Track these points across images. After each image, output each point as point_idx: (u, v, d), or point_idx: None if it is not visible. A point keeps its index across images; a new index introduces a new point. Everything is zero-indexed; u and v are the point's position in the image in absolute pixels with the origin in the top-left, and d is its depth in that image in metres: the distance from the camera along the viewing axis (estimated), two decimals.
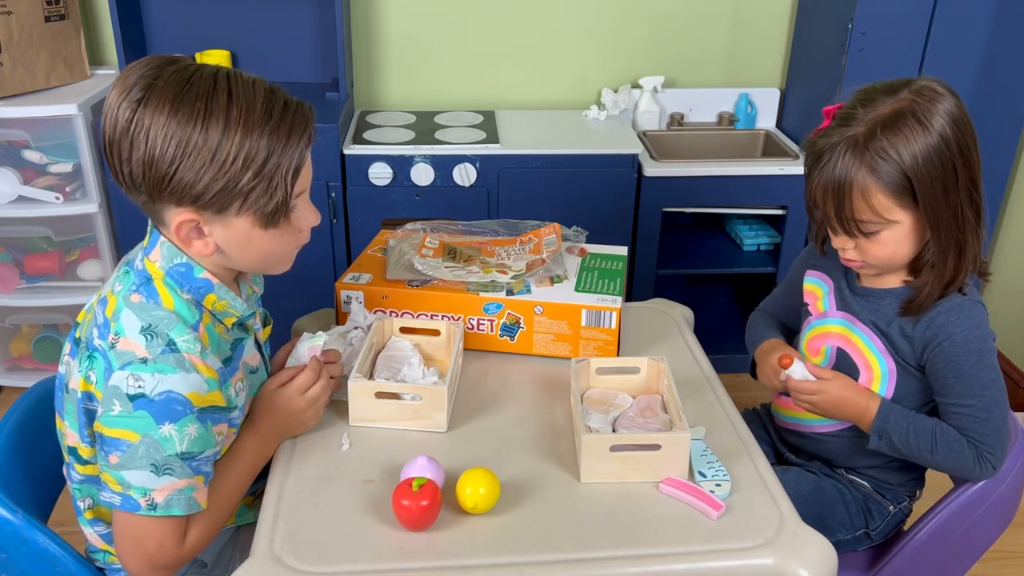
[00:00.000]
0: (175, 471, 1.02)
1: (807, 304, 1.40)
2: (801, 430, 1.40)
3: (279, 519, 1.06)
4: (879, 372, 1.28)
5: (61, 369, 1.13)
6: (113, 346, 1.01)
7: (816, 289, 1.39)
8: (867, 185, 1.14)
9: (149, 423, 1.00)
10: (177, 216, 1.02)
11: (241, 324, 1.16)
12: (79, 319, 1.12)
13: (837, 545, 1.09)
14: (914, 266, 1.24)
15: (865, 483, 1.37)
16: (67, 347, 1.12)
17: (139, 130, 0.97)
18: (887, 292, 1.27)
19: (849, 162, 1.14)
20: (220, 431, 1.08)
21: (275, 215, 1.04)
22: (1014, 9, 2.29)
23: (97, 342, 1.03)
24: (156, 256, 1.07)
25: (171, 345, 1.01)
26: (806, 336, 1.39)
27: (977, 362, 1.20)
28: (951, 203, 1.16)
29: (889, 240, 1.19)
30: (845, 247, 1.23)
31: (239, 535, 1.27)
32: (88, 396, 1.06)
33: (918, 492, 1.41)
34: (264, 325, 1.26)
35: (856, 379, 1.30)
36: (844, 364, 1.32)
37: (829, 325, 1.35)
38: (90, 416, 1.06)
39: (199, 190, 0.99)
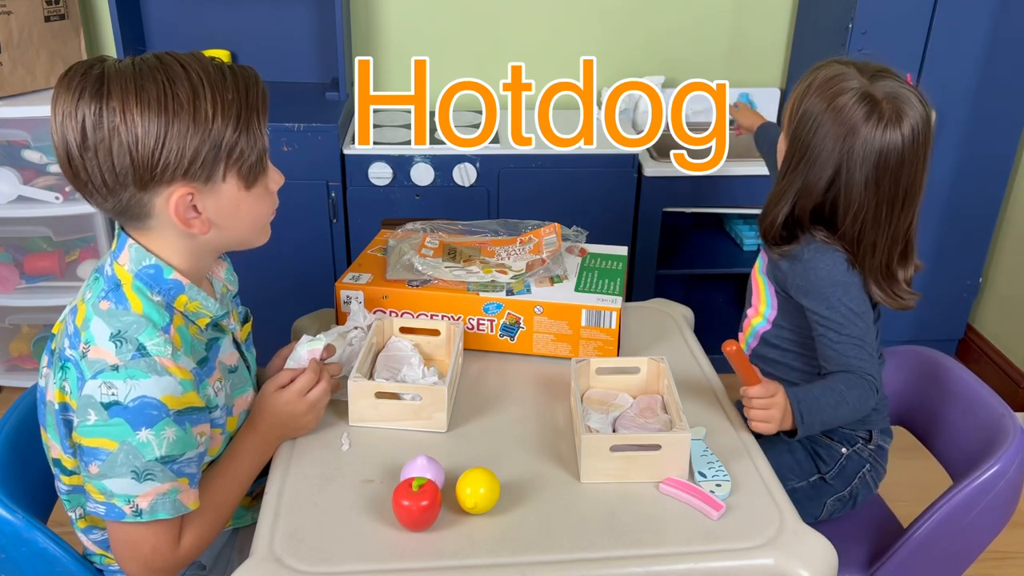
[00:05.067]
0: (156, 476, 1.01)
1: None
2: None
3: (279, 519, 1.06)
4: (764, 294, 1.43)
5: (40, 382, 1.11)
6: (84, 355, 1.00)
7: None
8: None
9: (126, 430, 0.98)
10: (172, 195, 1.00)
11: (215, 324, 1.14)
12: (54, 330, 1.11)
13: (794, 493, 1.10)
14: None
15: None
16: (44, 359, 1.11)
17: (112, 118, 0.95)
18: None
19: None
20: (202, 431, 1.06)
21: (256, 169, 1.05)
22: (1014, 9, 2.29)
23: (69, 352, 1.02)
24: (124, 259, 1.05)
25: (141, 350, 1.00)
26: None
27: (844, 293, 1.29)
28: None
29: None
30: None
31: (237, 537, 1.27)
32: (64, 407, 1.04)
33: (873, 434, 1.41)
34: (244, 323, 1.26)
35: (751, 303, 1.45)
36: (750, 292, 1.47)
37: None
38: (69, 427, 1.05)
39: (190, 157, 0.98)
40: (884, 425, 1.43)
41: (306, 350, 1.24)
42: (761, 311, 1.45)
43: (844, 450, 1.39)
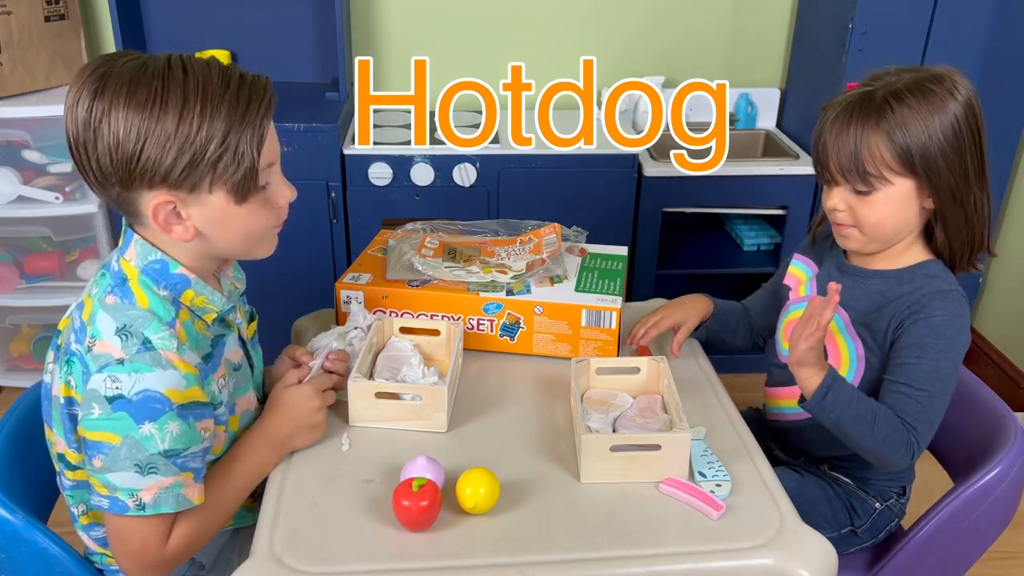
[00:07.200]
0: (160, 470, 1.01)
1: (788, 288, 1.42)
2: (787, 418, 1.40)
3: (279, 519, 1.06)
4: (847, 355, 1.29)
5: (46, 378, 1.12)
6: (90, 349, 1.01)
7: (800, 273, 1.41)
8: (876, 139, 1.17)
9: (129, 424, 0.99)
10: (152, 200, 1.01)
11: (222, 320, 1.14)
12: (60, 326, 1.11)
13: None
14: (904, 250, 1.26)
15: (848, 480, 1.38)
16: (50, 355, 1.11)
17: (101, 116, 0.97)
18: (875, 272, 1.28)
19: (866, 110, 1.17)
20: (206, 427, 1.06)
21: (246, 185, 1.03)
22: (1014, 9, 2.29)
23: (74, 347, 1.03)
24: (131, 255, 1.06)
25: (146, 343, 1.01)
26: (784, 320, 1.40)
27: (944, 350, 1.19)
28: (958, 171, 1.18)
29: (882, 203, 1.20)
30: (838, 207, 1.23)
31: (238, 537, 1.27)
32: (70, 401, 1.05)
33: (907, 489, 1.40)
34: (250, 321, 1.26)
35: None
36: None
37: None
38: (74, 421, 1.05)
39: (167, 166, 0.98)
40: (912, 475, 1.41)
41: (325, 351, 1.26)
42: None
43: (878, 505, 1.37)
